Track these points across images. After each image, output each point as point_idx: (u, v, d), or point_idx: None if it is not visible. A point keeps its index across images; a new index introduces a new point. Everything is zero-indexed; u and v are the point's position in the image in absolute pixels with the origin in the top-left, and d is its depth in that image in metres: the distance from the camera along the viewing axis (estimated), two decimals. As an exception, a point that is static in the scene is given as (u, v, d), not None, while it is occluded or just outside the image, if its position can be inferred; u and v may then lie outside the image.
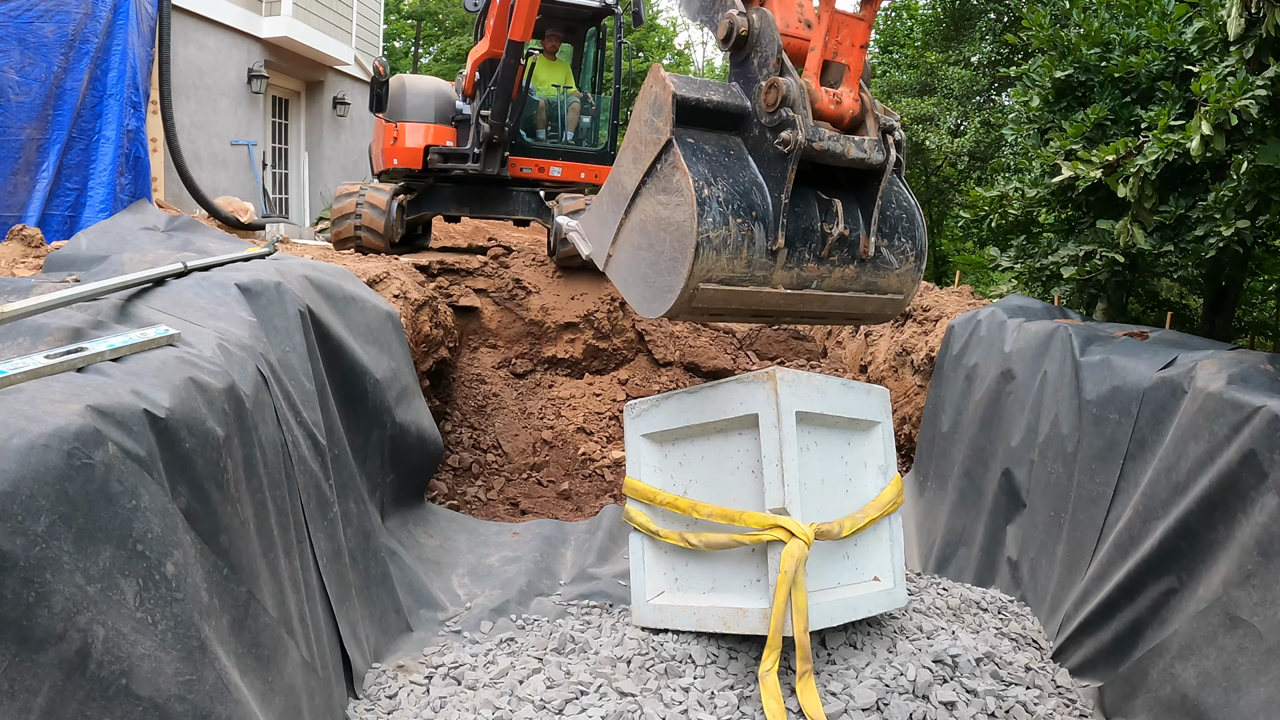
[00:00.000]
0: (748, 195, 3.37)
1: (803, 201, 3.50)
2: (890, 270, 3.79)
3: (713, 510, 3.63)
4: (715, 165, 3.37)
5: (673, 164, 3.34)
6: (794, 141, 3.28)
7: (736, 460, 3.67)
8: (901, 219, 3.81)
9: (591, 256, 4.08)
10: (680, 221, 3.29)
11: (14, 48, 5.97)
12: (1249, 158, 4.31)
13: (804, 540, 3.28)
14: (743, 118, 3.53)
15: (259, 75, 12.76)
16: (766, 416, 3.45)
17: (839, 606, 3.53)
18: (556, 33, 9.26)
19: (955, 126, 13.67)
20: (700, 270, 3.25)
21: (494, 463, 6.95)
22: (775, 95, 3.35)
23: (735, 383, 3.61)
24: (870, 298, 3.83)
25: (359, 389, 4.55)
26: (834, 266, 3.63)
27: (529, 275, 8.27)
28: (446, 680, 3.64)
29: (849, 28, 3.49)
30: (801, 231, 3.49)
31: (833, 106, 3.49)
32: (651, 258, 3.52)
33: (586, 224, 4.14)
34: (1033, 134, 6.79)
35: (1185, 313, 7.83)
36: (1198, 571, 3.47)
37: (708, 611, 3.65)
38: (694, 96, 3.40)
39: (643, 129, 3.51)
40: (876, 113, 3.57)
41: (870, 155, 3.49)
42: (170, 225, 5.37)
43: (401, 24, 27.82)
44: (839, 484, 3.79)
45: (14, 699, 1.78)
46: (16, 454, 1.94)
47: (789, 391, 3.46)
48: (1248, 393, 3.47)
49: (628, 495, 4.06)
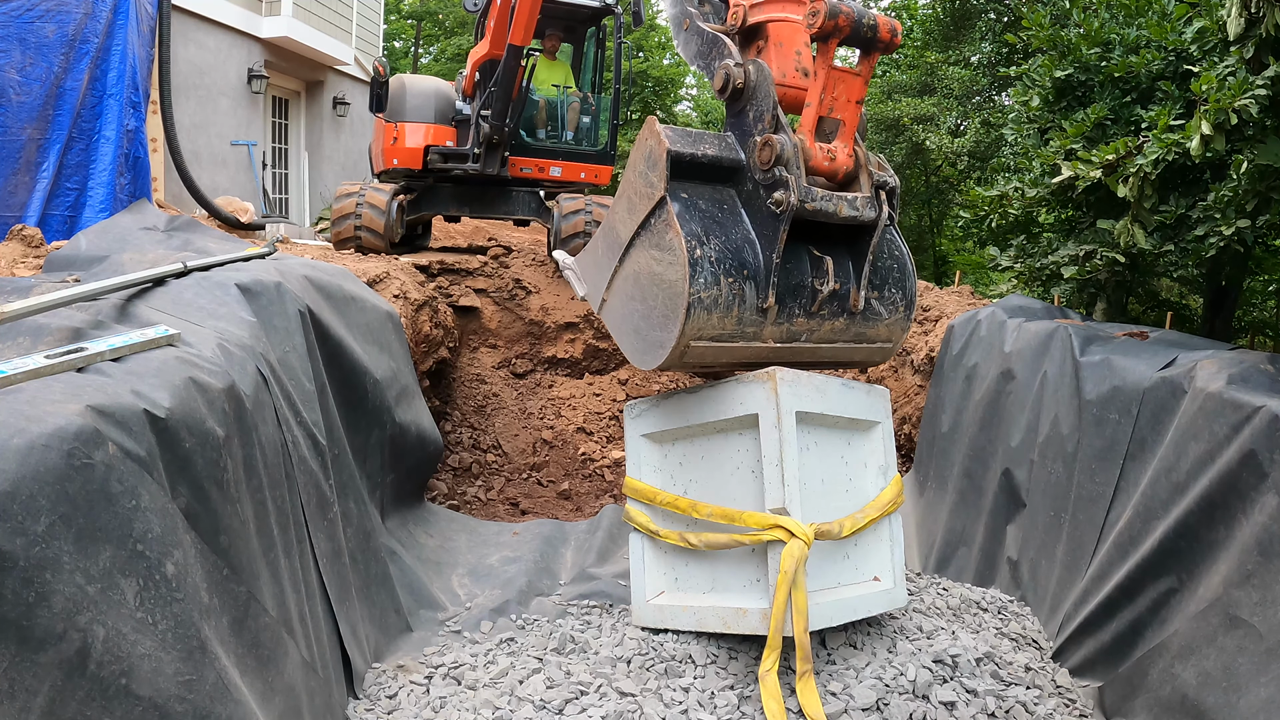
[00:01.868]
0: (739, 253, 3.39)
1: (794, 258, 3.53)
2: (879, 321, 3.83)
3: (713, 510, 3.62)
4: (708, 222, 3.39)
5: (666, 222, 3.36)
6: (786, 202, 3.28)
7: (736, 460, 3.66)
8: (893, 269, 3.83)
9: (586, 297, 4.15)
10: (672, 280, 3.32)
11: (15, 48, 5.98)
12: (1249, 157, 4.31)
13: (804, 540, 3.27)
14: (737, 170, 3.54)
15: (259, 75, 12.76)
16: (767, 416, 3.44)
17: (839, 607, 3.52)
18: (556, 33, 9.27)
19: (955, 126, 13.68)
20: (691, 329, 3.30)
21: (494, 463, 6.95)
22: (769, 154, 3.36)
23: (735, 382, 3.59)
24: (859, 347, 3.88)
25: (359, 389, 4.55)
26: (824, 320, 3.66)
27: (529, 275, 8.27)
28: (446, 680, 3.64)
29: (845, 83, 3.48)
30: (792, 288, 3.52)
31: (826, 162, 3.49)
32: (644, 310, 3.55)
33: (582, 265, 4.19)
34: (1033, 134, 6.79)
35: (1185, 313, 7.83)
36: (1198, 571, 3.47)
37: (708, 611, 3.64)
38: (689, 152, 3.41)
39: (637, 180, 3.52)
40: (870, 168, 3.58)
41: (863, 213, 3.49)
42: (170, 225, 5.37)
43: (401, 24, 27.81)
44: (839, 484, 3.78)
45: (14, 699, 1.78)
46: (16, 454, 1.94)
47: (789, 391, 3.45)
48: (1248, 393, 3.47)
49: (628, 495, 4.05)
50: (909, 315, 3.92)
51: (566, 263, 4.40)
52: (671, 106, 27.07)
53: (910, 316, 3.93)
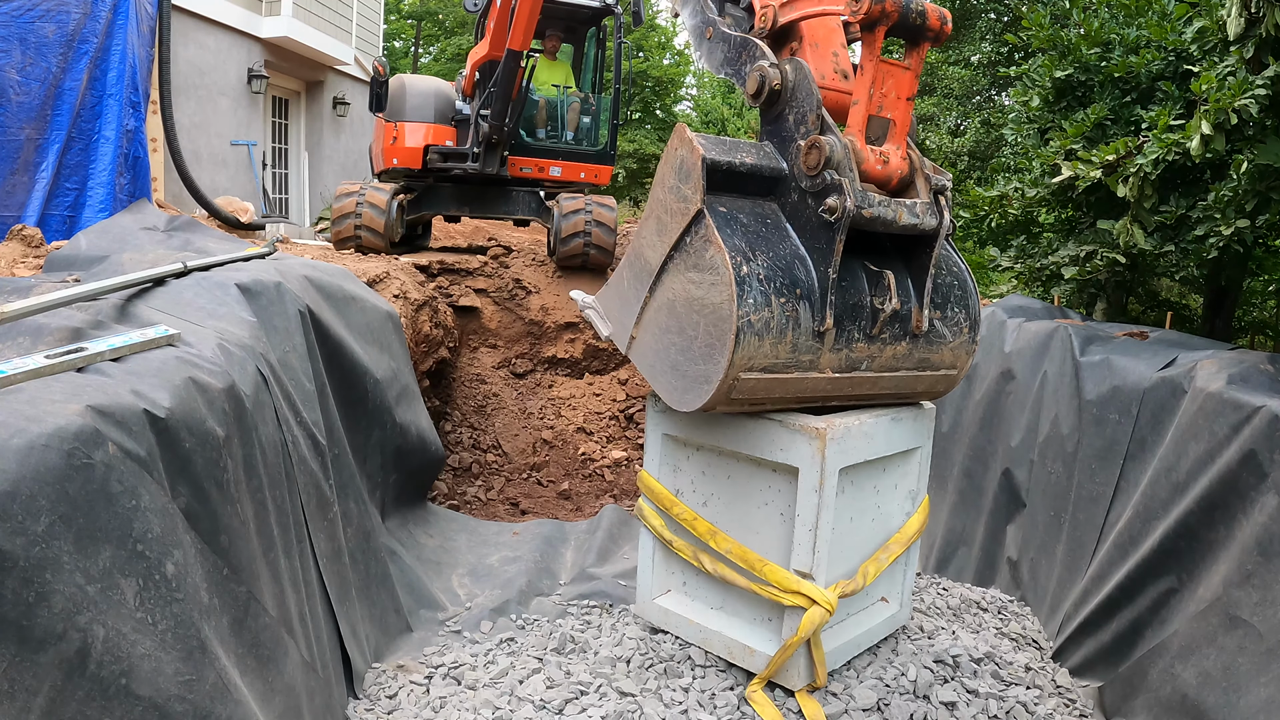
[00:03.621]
0: (790, 270, 3.00)
1: (849, 274, 3.15)
2: (944, 344, 3.44)
3: (733, 547, 3.35)
4: (753, 237, 3.01)
5: (705, 237, 2.97)
6: (841, 208, 2.92)
7: (766, 496, 3.34)
8: (953, 287, 3.46)
9: (611, 337, 3.65)
10: (716, 303, 2.91)
11: (15, 47, 5.98)
12: (1249, 157, 4.31)
13: (826, 609, 3.09)
14: (778, 181, 3.18)
15: (259, 75, 12.77)
16: (808, 477, 3.10)
17: (847, 647, 3.45)
18: (556, 33, 9.28)
19: (955, 126, 13.67)
20: (741, 359, 2.87)
21: (494, 463, 6.95)
22: (817, 156, 3.01)
23: (779, 425, 3.19)
24: (922, 375, 3.47)
25: (359, 389, 4.55)
26: (885, 344, 3.25)
27: (529, 275, 8.27)
28: (446, 680, 3.64)
29: (894, 78, 3.14)
30: (850, 308, 3.13)
31: (879, 167, 3.15)
32: (683, 343, 3.11)
33: (605, 301, 3.72)
34: (1033, 134, 6.79)
35: (1185, 313, 7.82)
36: (1198, 571, 3.47)
37: (714, 636, 3.50)
38: (725, 159, 3.05)
39: (668, 197, 3.14)
40: (926, 172, 3.24)
41: (923, 220, 3.15)
42: (170, 225, 5.37)
43: (401, 24, 27.82)
44: (867, 513, 3.50)
45: (14, 699, 1.78)
46: (16, 454, 1.94)
47: (837, 451, 3.09)
48: (1248, 393, 3.47)
49: (641, 490, 3.80)
50: (974, 338, 3.52)
51: (586, 301, 3.92)
52: (671, 106, 27.07)
53: (975, 339, 3.53)
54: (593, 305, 3.84)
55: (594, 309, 3.82)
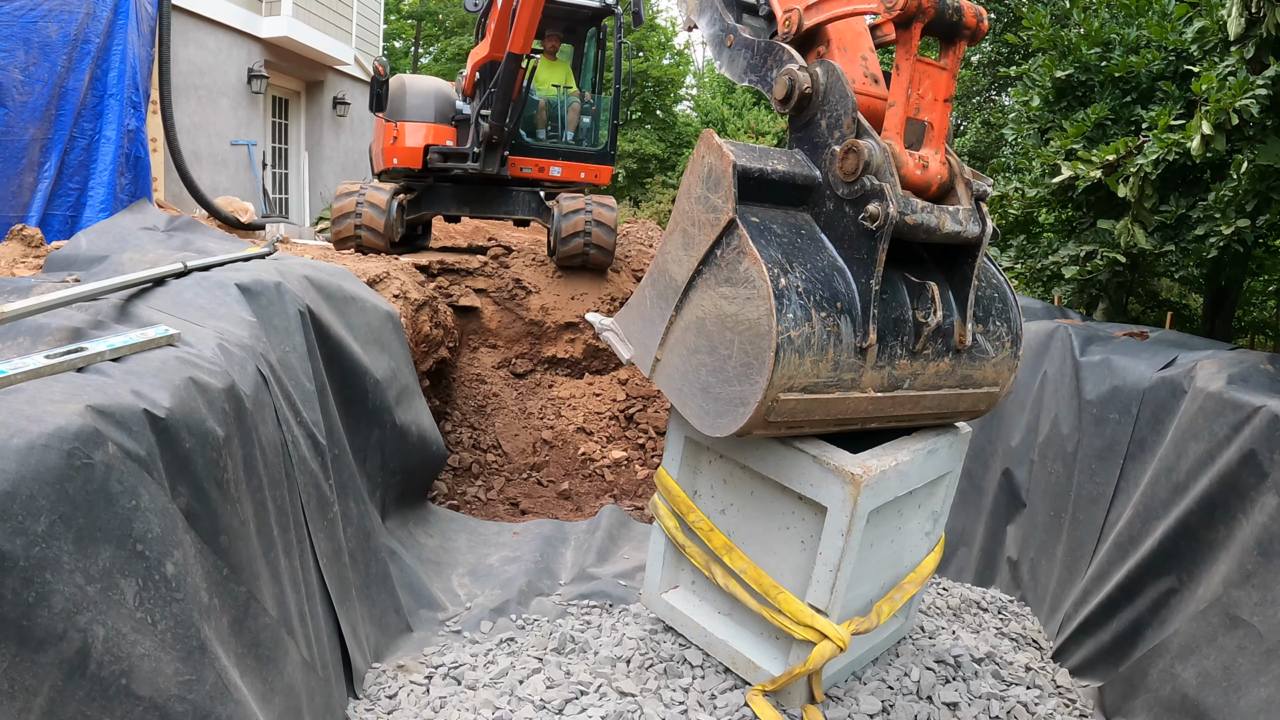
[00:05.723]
0: (829, 282, 2.83)
1: (889, 286, 2.99)
2: (987, 360, 3.27)
3: (748, 568, 3.26)
4: (788, 248, 2.84)
5: (738, 248, 2.79)
6: (883, 215, 2.76)
7: (788, 521, 3.23)
8: (995, 299, 3.32)
9: (633, 361, 3.47)
10: (753, 319, 2.73)
11: (19, 48, 5.99)
12: (1249, 157, 4.31)
13: (839, 646, 3.02)
14: (810, 190, 3.02)
15: (259, 75, 12.77)
16: (835, 520, 2.97)
17: (853, 665, 3.43)
18: (556, 33, 9.28)
19: (955, 126, 13.67)
20: (781, 378, 2.69)
21: (494, 463, 6.96)
22: (855, 161, 2.84)
23: (813, 460, 3.03)
24: (965, 394, 3.31)
25: (359, 389, 4.55)
26: (928, 361, 3.09)
27: (529, 275, 8.27)
28: (446, 680, 3.64)
29: (930, 79, 3.00)
30: (891, 322, 2.96)
31: (918, 172, 2.98)
32: (714, 363, 2.92)
33: (625, 322, 3.52)
34: (1033, 134, 6.79)
35: (1185, 313, 7.83)
36: (1198, 571, 3.47)
37: (719, 643, 3.47)
38: (756, 167, 2.88)
39: (694, 208, 2.96)
40: (966, 177, 3.10)
41: (966, 228, 3.00)
42: (170, 225, 5.38)
43: (401, 24, 27.83)
44: (886, 538, 3.37)
45: (14, 699, 1.78)
46: (16, 454, 1.94)
47: (870, 496, 2.96)
48: (1248, 393, 3.47)
49: (658, 488, 3.69)
50: (1016, 353, 3.36)
51: (604, 324, 3.71)
52: (671, 106, 27.08)
53: (1018, 354, 3.37)
54: (611, 327, 3.65)
55: (613, 331, 3.62)
